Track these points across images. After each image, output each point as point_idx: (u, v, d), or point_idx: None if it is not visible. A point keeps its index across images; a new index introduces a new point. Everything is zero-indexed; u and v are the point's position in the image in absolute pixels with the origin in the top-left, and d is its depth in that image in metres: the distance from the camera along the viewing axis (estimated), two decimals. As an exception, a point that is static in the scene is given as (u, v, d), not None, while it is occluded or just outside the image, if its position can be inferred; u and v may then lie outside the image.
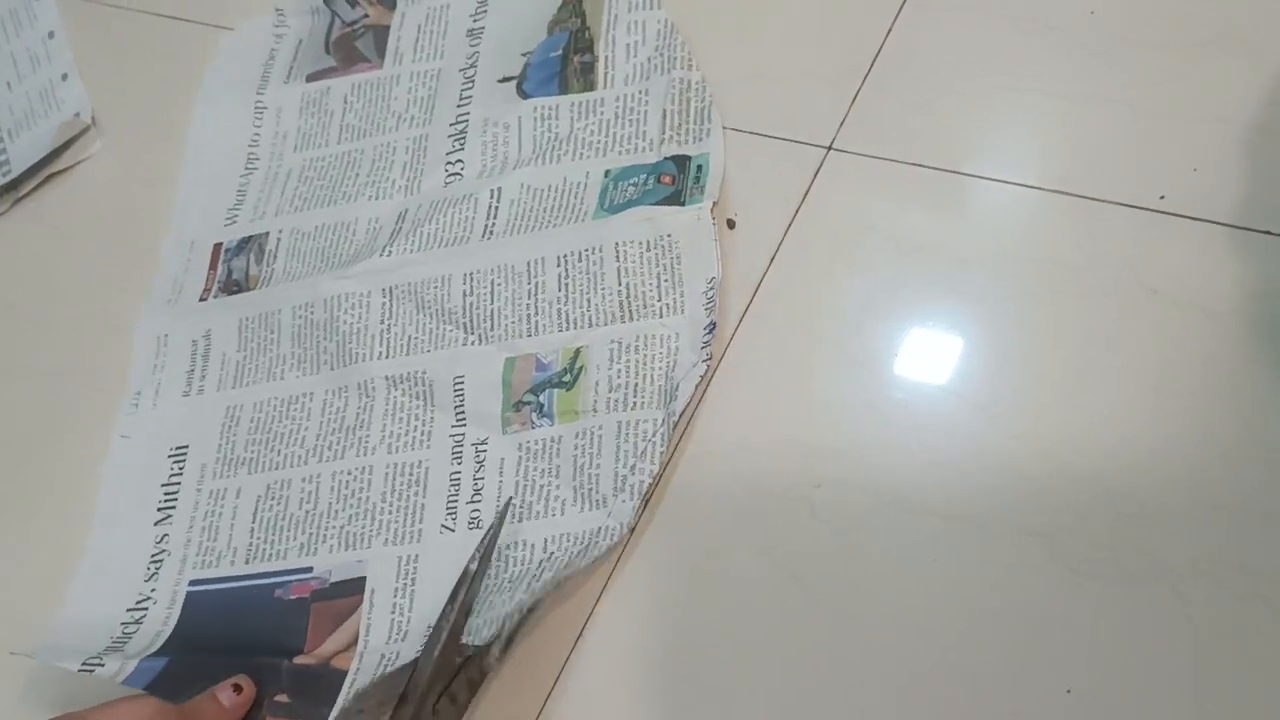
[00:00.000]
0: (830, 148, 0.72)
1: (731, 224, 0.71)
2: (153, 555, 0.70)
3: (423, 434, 0.68)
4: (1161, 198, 0.64)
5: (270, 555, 0.68)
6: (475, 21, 0.86)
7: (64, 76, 0.95)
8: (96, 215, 0.88)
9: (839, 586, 0.58)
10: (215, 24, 0.94)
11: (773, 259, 0.69)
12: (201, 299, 0.80)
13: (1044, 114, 0.70)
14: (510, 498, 0.64)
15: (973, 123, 0.70)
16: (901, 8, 0.75)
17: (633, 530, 0.62)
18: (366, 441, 0.69)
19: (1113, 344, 0.61)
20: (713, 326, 0.66)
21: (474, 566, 0.60)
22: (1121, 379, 0.60)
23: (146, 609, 0.68)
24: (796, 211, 0.70)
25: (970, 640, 0.55)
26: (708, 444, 0.64)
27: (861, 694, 0.55)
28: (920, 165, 0.70)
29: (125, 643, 0.65)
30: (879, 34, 0.75)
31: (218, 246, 0.82)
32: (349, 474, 0.69)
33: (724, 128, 0.74)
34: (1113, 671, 0.52)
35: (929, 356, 0.63)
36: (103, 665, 0.62)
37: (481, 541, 0.61)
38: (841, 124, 0.72)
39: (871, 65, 0.74)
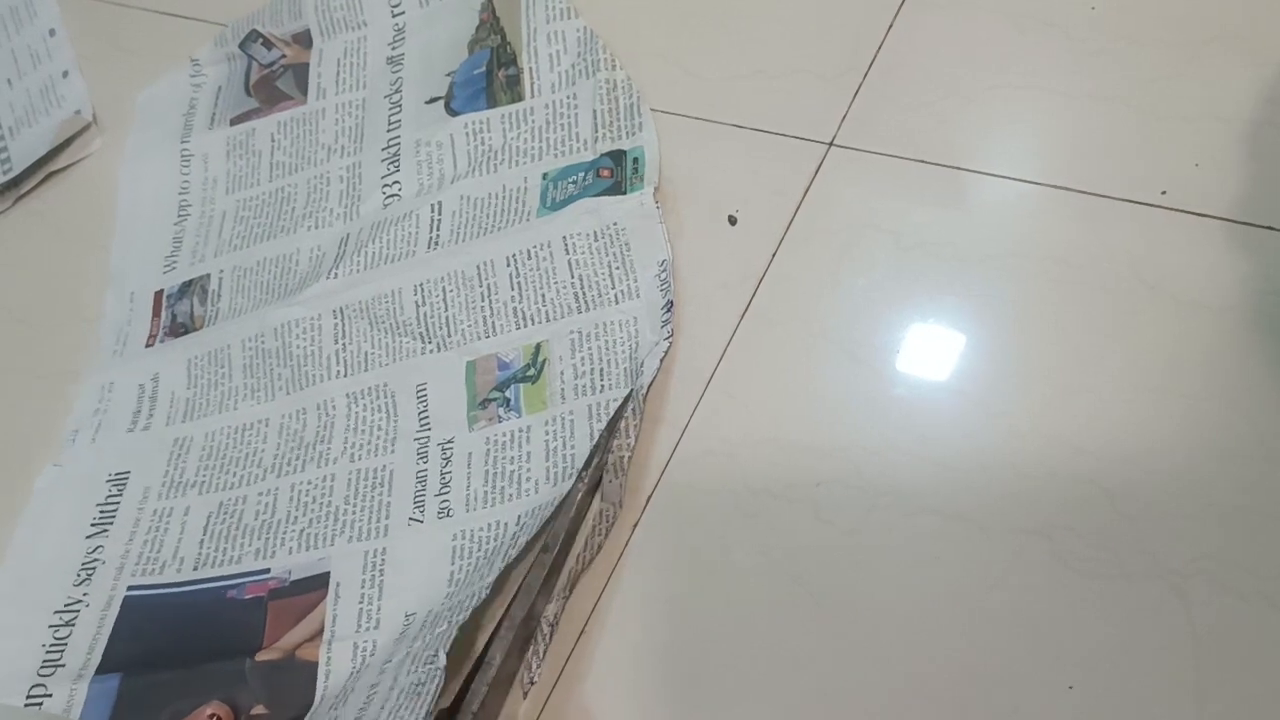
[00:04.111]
0: (831, 144, 0.72)
1: (733, 220, 0.71)
2: (84, 564, 0.69)
3: (386, 441, 0.69)
4: (1163, 193, 0.64)
5: (222, 562, 0.67)
6: (394, 49, 0.87)
7: (65, 74, 0.95)
8: (97, 213, 0.88)
9: (840, 584, 0.58)
10: (216, 21, 0.94)
11: (774, 255, 0.69)
12: (147, 345, 0.80)
13: (1045, 110, 0.69)
14: (633, 391, 0.65)
15: (973, 119, 0.70)
16: (901, 5, 0.75)
17: (620, 504, 0.62)
18: (327, 454, 0.70)
19: (1114, 340, 0.61)
20: (670, 305, 0.67)
21: (603, 433, 0.63)
22: (1122, 376, 0.59)
23: (77, 612, 0.67)
24: (798, 208, 0.70)
25: (971, 637, 0.55)
26: (708, 442, 0.64)
27: (862, 690, 0.55)
28: (921, 161, 0.69)
29: (61, 653, 0.65)
30: (879, 31, 0.75)
31: (159, 294, 0.82)
32: (309, 484, 0.69)
33: (727, 124, 0.74)
34: (1113, 668, 0.52)
35: (930, 353, 0.63)
36: (50, 695, 0.62)
37: (614, 413, 0.64)
38: (842, 120, 0.72)
39: (872, 62, 0.74)
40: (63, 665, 0.64)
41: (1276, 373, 0.57)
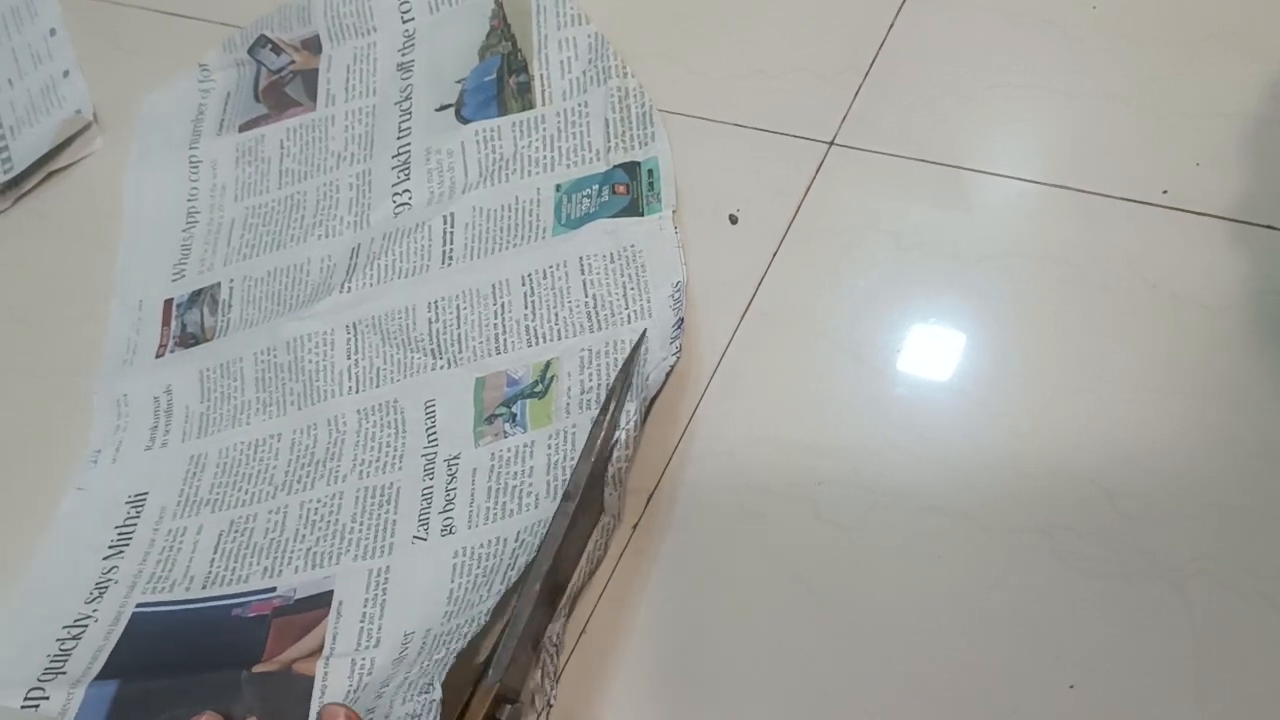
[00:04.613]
0: (832, 143, 0.72)
1: (733, 219, 0.71)
2: (98, 583, 0.69)
3: (394, 458, 0.68)
4: (1164, 193, 0.64)
5: (230, 581, 0.67)
6: (404, 56, 0.87)
7: (65, 73, 0.95)
8: (98, 212, 0.88)
9: (840, 583, 0.58)
10: (217, 20, 0.94)
11: (774, 255, 0.69)
12: (158, 355, 0.79)
13: (1045, 109, 0.69)
14: (645, 330, 0.65)
15: (974, 118, 0.70)
16: (902, 5, 0.75)
17: (619, 517, 0.62)
18: (337, 471, 0.69)
19: (1113, 341, 0.61)
20: (681, 322, 0.66)
21: (617, 384, 0.63)
22: (1122, 375, 0.60)
23: (85, 626, 0.67)
24: (798, 207, 0.70)
25: (971, 637, 0.55)
26: (709, 441, 0.64)
27: (863, 690, 0.55)
28: (922, 161, 0.70)
29: (64, 662, 0.65)
30: (880, 30, 0.75)
31: (168, 303, 0.82)
32: (318, 502, 0.68)
33: (728, 124, 0.74)
34: (1114, 668, 0.52)
35: (931, 353, 0.63)
36: (47, 699, 0.62)
37: (624, 365, 0.64)
38: (843, 120, 0.72)
39: (873, 61, 0.74)
40: (64, 673, 0.64)
41: (1276, 371, 0.57)
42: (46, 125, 0.92)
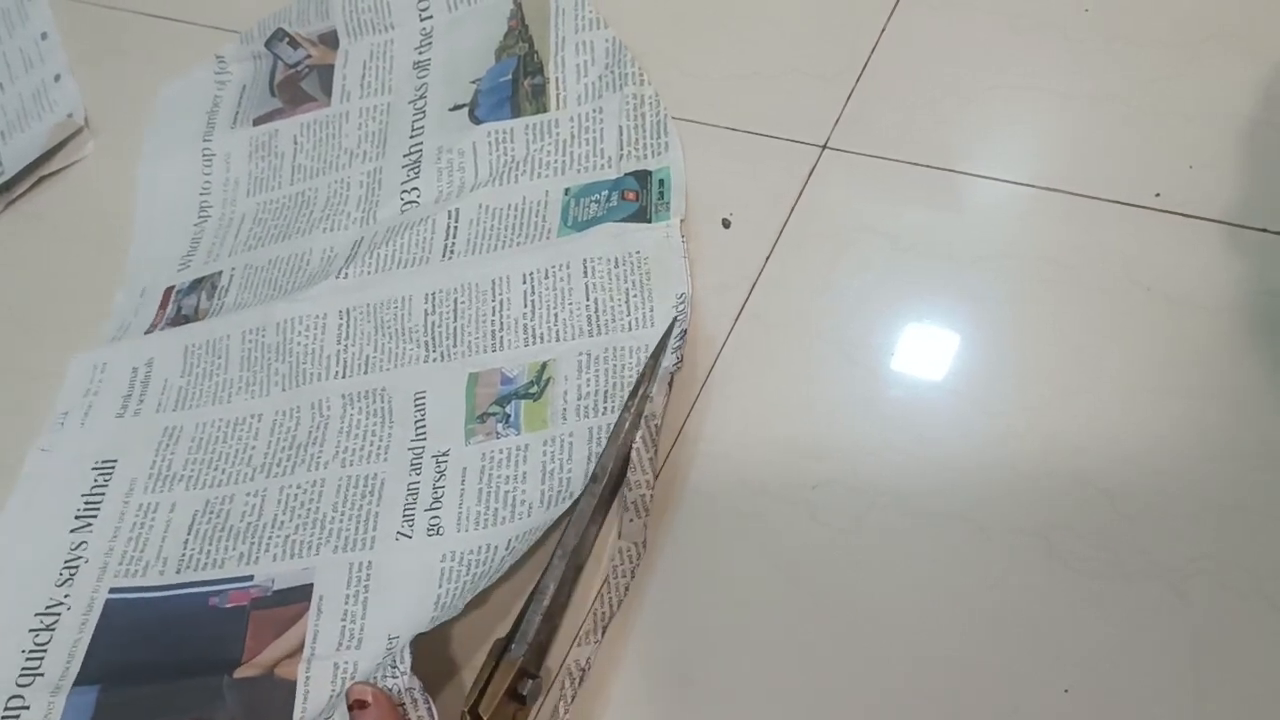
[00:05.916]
0: (825, 146, 0.72)
1: (727, 223, 0.71)
2: (67, 561, 0.68)
3: (379, 448, 0.67)
4: (1157, 195, 0.64)
5: (205, 565, 0.65)
6: (420, 54, 0.87)
7: (57, 77, 0.95)
8: (90, 217, 0.87)
9: (838, 584, 0.57)
10: (208, 24, 0.94)
11: (768, 258, 0.69)
12: (147, 333, 0.79)
13: (1039, 112, 0.69)
14: (674, 320, 0.65)
15: (968, 121, 0.70)
16: (896, 6, 0.75)
17: (644, 545, 0.61)
18: (319, 457, 0.68)
19: (1109, 342, 0.61)
20: (683, 333, 0.66)
21: (645, 369, 0.63)
22: (1118, 377, 0.59)
23: (58, 614, 0.65)
24: (791, 210, 0.70)
25: (968, 639, 0.54)
26: (703, 444, 0.63)
27: (859, 692, 0.54)
28: (915, 164, 0.69)
29: (40, 660, 0.64)
30: (873, 32, 0.75)
31: (169, 289, 0.82)
32: (298, 488, 0.67)
33: (722, 127, 0.74)
34: (1111, 670, 0.52)
35: (926, 354, 0.63)
36: (28, 708, 0.61)
37: (657, 346, 0.64)
38: (836, 122, 0.72)
39: (866, 63, 0.74)
40: (41, 674, 0.63)
41: (1273, 372, 0.57)
42: (38, 129, 0.92)
